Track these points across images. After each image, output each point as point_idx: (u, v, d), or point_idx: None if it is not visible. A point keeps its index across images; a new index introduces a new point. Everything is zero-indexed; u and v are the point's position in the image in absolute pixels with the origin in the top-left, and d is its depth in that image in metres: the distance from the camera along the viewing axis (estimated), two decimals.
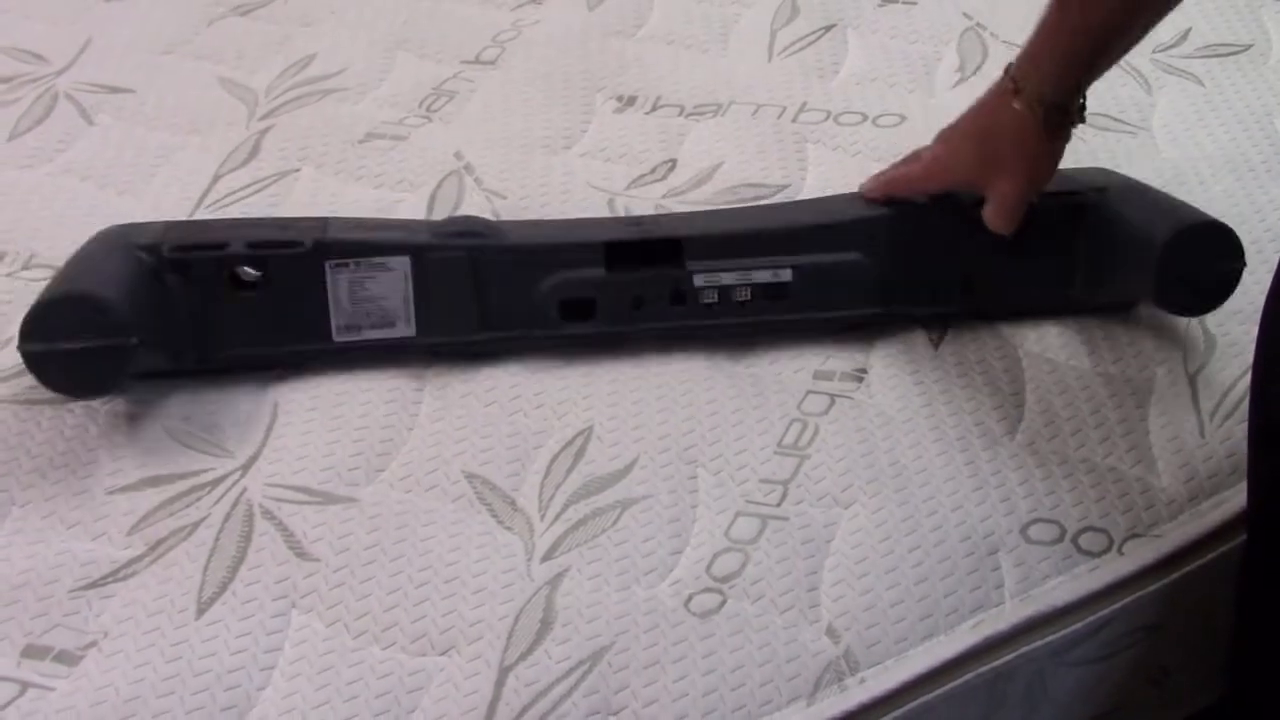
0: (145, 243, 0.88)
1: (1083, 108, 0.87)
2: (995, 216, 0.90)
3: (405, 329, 0.92)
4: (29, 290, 0.97)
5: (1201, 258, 0.90)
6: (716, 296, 0.93)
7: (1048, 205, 0.92)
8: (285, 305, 0.90)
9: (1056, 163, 0.89)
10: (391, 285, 0.90)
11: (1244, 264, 0.91)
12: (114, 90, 1.17)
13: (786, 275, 0.93)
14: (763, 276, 0.93)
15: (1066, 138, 0.88)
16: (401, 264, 0.90)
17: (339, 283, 0.89)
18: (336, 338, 0.91)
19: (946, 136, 0.92)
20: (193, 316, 0.89)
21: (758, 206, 1.03)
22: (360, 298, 0.90)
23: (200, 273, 0.88)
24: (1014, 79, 0.86)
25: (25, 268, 1.00)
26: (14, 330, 0.93)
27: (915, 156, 0.96)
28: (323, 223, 0.93)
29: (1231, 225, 1.04)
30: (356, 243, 0.90)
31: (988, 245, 0.92)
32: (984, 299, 0.97)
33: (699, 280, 0.92)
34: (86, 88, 1.17)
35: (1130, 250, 0.93)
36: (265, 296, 0.90)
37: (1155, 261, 0.90)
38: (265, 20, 1.27)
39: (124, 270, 0.86)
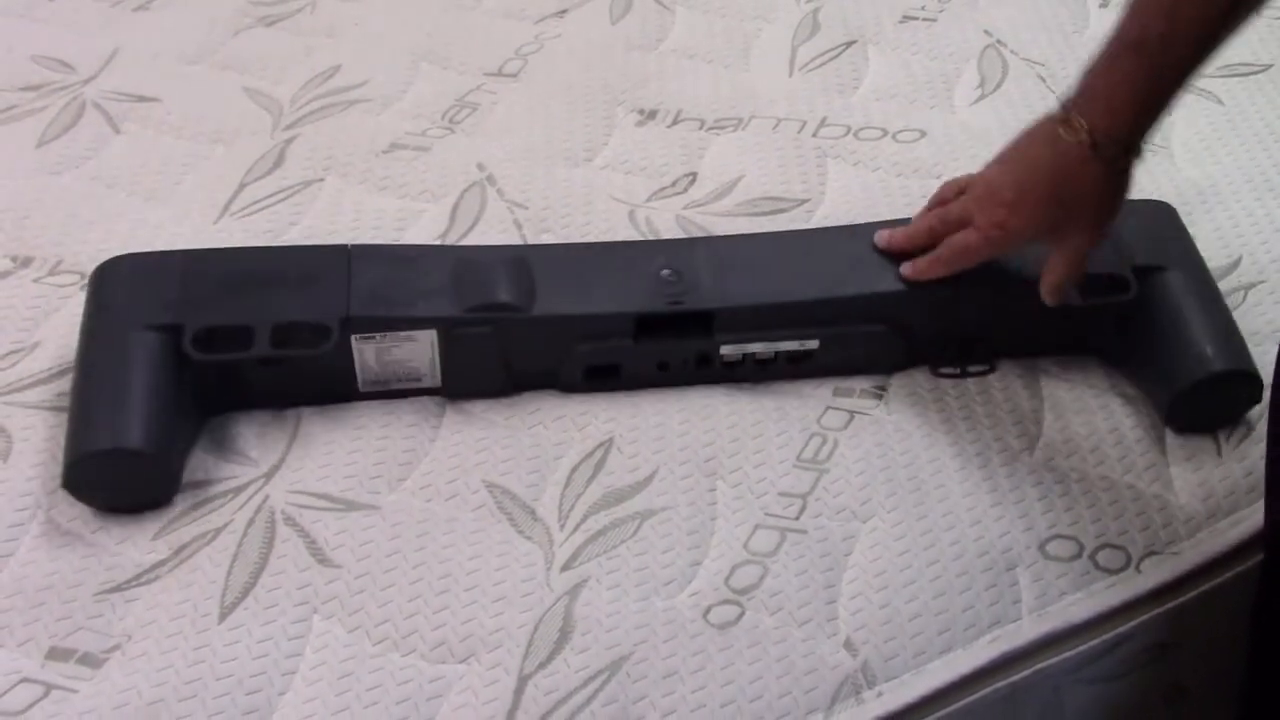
0: (164, 322, 0.86)
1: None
2: (1065, 267, 0.86)
3: (432, 382, 0.92)
4: (56, 295, 0.99)
5: (1222, 399, 0.92)
6: (740, 357, 0.93)
7: (1082, 299, 0.90)
8: (310, 371, 0.89)
9: (1124, 202, 0.85)
10: (418, 352, 0.90)
11: (1261, 398, 0.91)
12: (141, 99, 1.18)
13: (813, 345, 0.93)
14: (789, 346, 0.93)
15: (1133, 176, 0.84)
16: (428, 335, 0.89)
17: (365, 351, 0.89)
18: (363, 389, 0.92)
19: (1015, 202, 0.85)
20: (219, 383, 0.89)
21: (788, 236, 0.99)
22: (386, 361, 0.90)
23: (224, 363, 0.87)
24: (1091, 136, 0.80)
25: (52, 273, 1.01)
26: (42, 334, 0.96)
27: (950, 202, 0.91)
28: (345, 258, 0.91)
29: (1253, 244, 1.05)
30: (382, 319, 0.88)
31: (1019, 326, 0.94)
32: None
33: (726, 350, 0.92)
34: (114, 96, 1.18)
35: (1158, 368, 0.93)
36: (289, 368, 0.89)
37: (1167, 406, 0.92)
38: (290, 31, 1.28)
39: (150, 388, 0.84)
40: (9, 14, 1.28)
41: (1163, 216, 0.99)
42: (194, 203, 1.07)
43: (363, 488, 0.87)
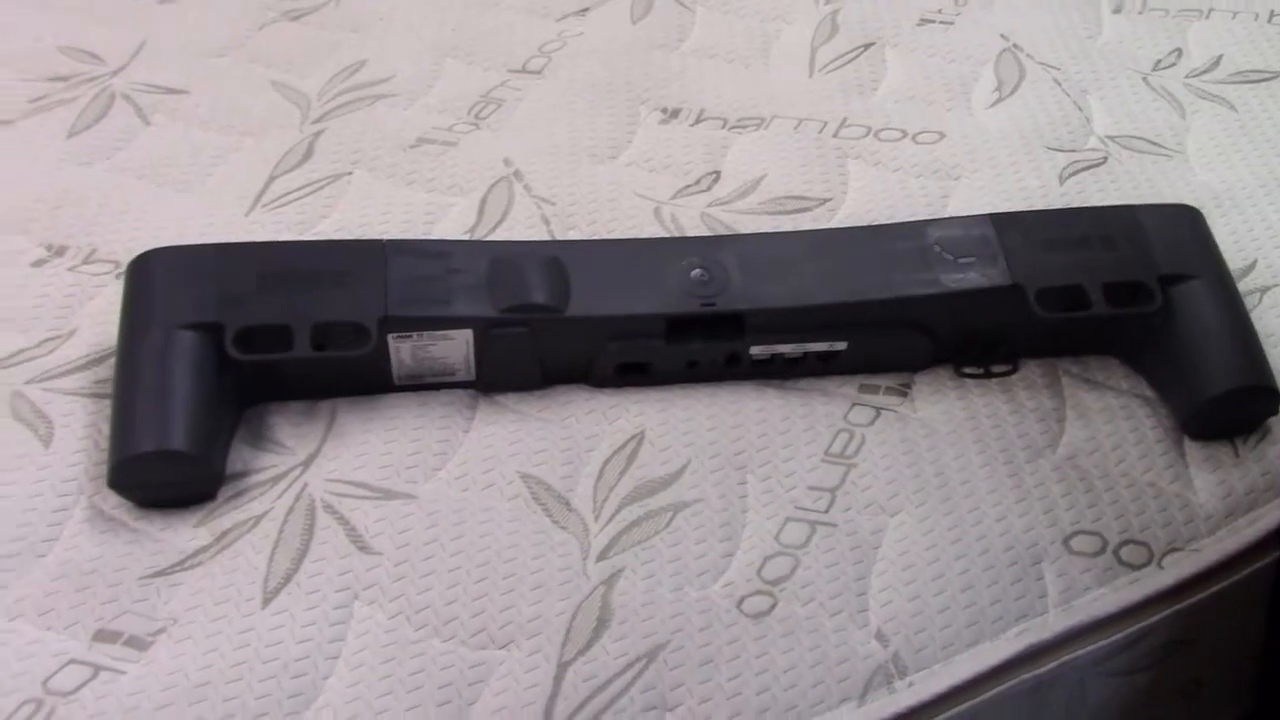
0: (204, 321, 0.87)
1: None
2: None
3: (466, 376, 0.94)
4: (91, 283, 1.00)
5: (1241, 410, 0.94)
6: (769, 357, 0.95)
7: (1108, 307, 0.93)
8: (346, 367, 0.91)
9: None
10: (453, 349, 0.91)
11: (1278, 409, 0.94)
12: (169, 91, 1.19)
13: (841, 346, 0.95)
14: (818, 347, 0.95)
15: None
16: (464, 335, 0.91)
17: (401, 349, 0.90)
18: (397, 382, 0.93)
19: None
20: (256, 378, 0.90)
21: (815, 235, 1.00)
22: (422, 358, 0.91)
23: (263, 362, 0.88)
24: None
25: (86, 262, 1.02)
26: (78, 321, 0.97)
27: None
28: (380, 254, 0.92)
29: (1268, 247, 1.07)
30: (420, 319, 0.89)
31: (1043, 330, 0.95)
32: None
33: (756, 351, 0.94)
34: (143, 88, 1.19)
35: (1180, 376, 0.95)
36: (325, 364, 0.90)
37: (1186, 415, 0.94)
38: (315, 26, 1.29)
39: (191, 388, 0.86)
40: (37, 4, 1.28)
41: (1189, 222, 1.01)
42: (225, 194, 1.09)
43: (399, 477, 0.89)
